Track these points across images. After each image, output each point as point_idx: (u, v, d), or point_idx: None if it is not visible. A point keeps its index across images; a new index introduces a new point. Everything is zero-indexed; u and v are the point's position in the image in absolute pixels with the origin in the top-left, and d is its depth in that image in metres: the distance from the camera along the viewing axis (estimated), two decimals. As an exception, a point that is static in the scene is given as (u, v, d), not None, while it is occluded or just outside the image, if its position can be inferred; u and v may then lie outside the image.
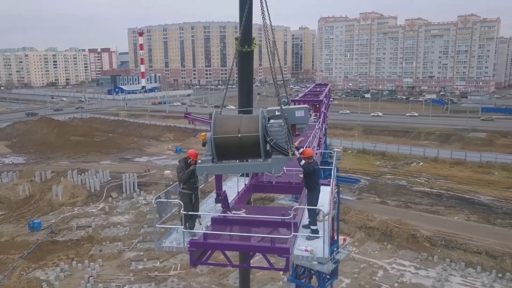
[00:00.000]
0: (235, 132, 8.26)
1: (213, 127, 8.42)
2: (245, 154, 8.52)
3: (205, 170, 8.58)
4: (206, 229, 8.26)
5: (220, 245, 7.98)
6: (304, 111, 8.53)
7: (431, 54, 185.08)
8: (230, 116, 8.72)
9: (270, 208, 9.37)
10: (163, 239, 8.67)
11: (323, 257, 7.43)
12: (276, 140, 8.15)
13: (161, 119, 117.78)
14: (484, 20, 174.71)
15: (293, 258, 7.58)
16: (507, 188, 56.11)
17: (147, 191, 59.42)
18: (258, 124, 8.16)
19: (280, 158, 8.22)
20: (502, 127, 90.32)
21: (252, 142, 8.18)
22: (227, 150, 8.40)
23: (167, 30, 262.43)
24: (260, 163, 8.38)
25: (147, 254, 40.63)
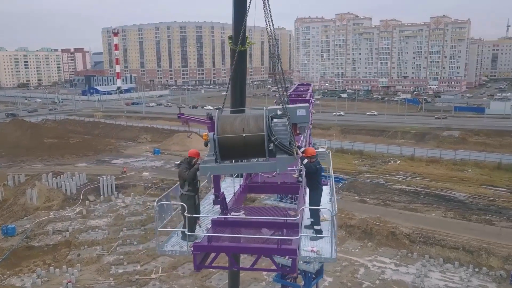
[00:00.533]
0: (240, 131, 8.14)
1: (216, 127, 8.26)
2: (249, 154, 8.41)
3: (208, 170, 8.38)
4: (207, 231, 8.06)
5: (225, 247, 7.78)
6: (305, 110, 8.47)
7: (405, 54, 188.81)
8: (233, 115, 8.61)
9: (269, 209, 9.26)
10: (164, 243, 8.41)
11: (331, 257, 7.37)
12: (281, 140, 8.05)
13: (138, 120, 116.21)
14: (455, 21, 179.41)
15: (300, 259, 7.48)
16: (481, 185, 57.67)
17: (126, 193, 58.40)
18: (263, 123, 8.05)
19: (285, 157, 8.13)
20: (474, 126, 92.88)
21: (256, 142, 8.08)
22: (231, 149, 8.28)
23: (142, 30, 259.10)
24: (265, 163, 8.28)
25: (127, 258, 39.87)
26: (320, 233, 8.04)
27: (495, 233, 42.12)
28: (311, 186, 8.81)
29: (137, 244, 42.79)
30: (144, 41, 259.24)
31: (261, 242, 7.56)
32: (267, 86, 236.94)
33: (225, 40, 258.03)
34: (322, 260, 7.58)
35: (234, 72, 11.28)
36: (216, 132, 8.27)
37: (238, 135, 8.13)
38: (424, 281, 35.56)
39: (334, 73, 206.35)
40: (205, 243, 7.74)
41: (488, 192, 54.63)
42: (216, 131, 8.27)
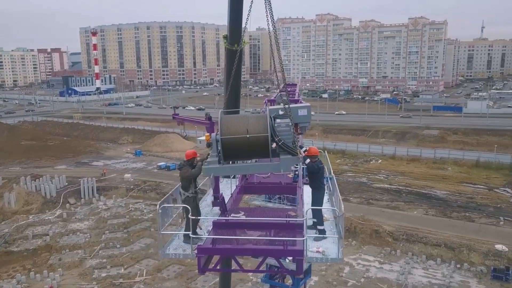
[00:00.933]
0: (243, 132, 8.08)
1: (220, 128, 8.14)
2: (253, 155, 8.38)
3: (212, 171, 8.33)
4: (208, 233, 7.91)
5: (230, 250, 7.62)
6: (307, 109, 8.44)
7: (384, 55, 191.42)
8: (236, 116, 8.51)
9: (268, 210, 9.16)
10: (166, 246, 8.20)
11: (338, 257, 7.33)
12: (284, 140, 8.01)
13: (118, 121, 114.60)
14: (433, 22, 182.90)
15: (306, 260, 7.41)
16: (460, 183, 58.85)
17: (107, 195, 57.53)
18: (266, 124, 7.99)
19: (289, 158, 8.09)
20: (452, 125, 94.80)
21: (260, 142, 8.02)
22: (235, 150, 8.21)
23: (121, 30, 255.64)
24: (269, 164, 8.22)
25: (110, 261, 39.24)
26: (324, 233, 7.99)
27: (475, 230, 43.05)
28: (313, 186, 8.77)
29: (120, 247, 42.17)
30: (123, 41, 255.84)
31: (265, 243, 7.47)
32: (249, 86, 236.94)
33: (205, 40, 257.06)
34: (328, 260, 7.54)
35: (229, 71, 11.14)
36: (220, 133, 8.15)
37: (242, 136, 8.05)
38: (408, 278, 36.09)
39: (315, 73, 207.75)
40: (209, 245, 7.61)
41: (467, 190, 55.78)
42: (220, 132, 8.13)
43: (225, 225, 8.11)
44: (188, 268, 37.97)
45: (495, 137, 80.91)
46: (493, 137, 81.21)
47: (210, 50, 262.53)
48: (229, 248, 7.58)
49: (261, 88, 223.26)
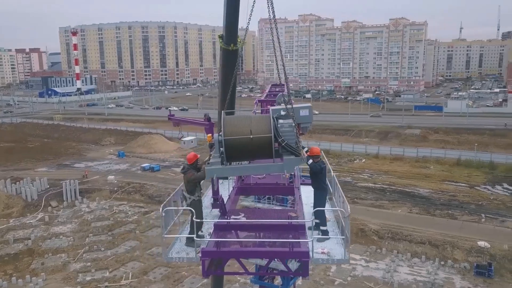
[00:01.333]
0: (247, 133, 7.99)
1: (223, 128, 8.02)
2: (256, 155, 8.28)
3: (215, 172, 8.21)
4: (209, 236, 7.78)
5: (235, 252, 7.52)
6: (308, 110, 8.40)
7: (366, 55, 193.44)
8: (238, 116, 8.41)
9: (268, 211, 9.08)
10: (168, 250, 8.02)
11: (344, 258, 7.30)
12: (288, 141, 7.98)
13: (100, 122, 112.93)
14: (413, 23, 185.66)
15: (312, 262, 7.35)
16: (442, 181, 59.82)
17: (90, 198, 56.62)
18: (270, 124, 7.95)
19: (292, 159, 8.06)
20: (433, 124, 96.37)
21: (264, 143, 7.97)
22: (238, 151, 8.10)
23: (102, 30, 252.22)
24: (272, 164, 8.17)
25: (94, 265, 38.62)
26: (327, 234, 7.96)
27: (458, 227, 43.80)
28: (316, 186, 8.73)
29: (105, 250, 41.55)
30: (104, 41, 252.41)
31: (270, 245, 7.39)
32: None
33: (188, 40, 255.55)
34: (334, 261, 7.52)
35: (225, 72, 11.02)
36: (223, 133, 8.06)
37: (245, 136, 7.98)
38: (393, 276, 36.48)
39: (298, 74, 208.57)
40: (213, 248, 7.46)
41: (449, 188, 56.74)
42: (223, 133, 8.06)
43: (227, 227, 7.99)
44: (174, 270, 37.66)
45: (475, 136, 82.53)
46: (473, 136, 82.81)
47: (193, 50, 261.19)
48: (234, 251, 7.48)
49: (244, 89, 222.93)
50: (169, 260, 7.73)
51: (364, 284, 35.41)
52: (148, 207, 53.57)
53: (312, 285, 34.78)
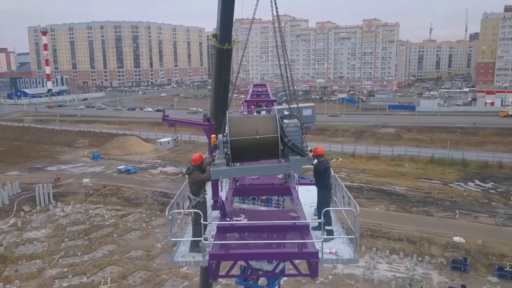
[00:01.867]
0: (253, 133, 7.88)
1: (229, 129, 7.84)
2: (261, 156, 8.18)
3: (220, 174, 7.96)
4: (213, 238, 7.59)
5: (243, 255, 7.36)
6: (311, 109, 8.36)
7: (340, 55, 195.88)
8: (243, 116, 8.28)
9: (268, 212, 8.96)
10: (174, 253, 7.76)
11: (353, 258, 7.29)
12: (293, 141, 7.93)
13: (73, 124, 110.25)
14: (386, 24, 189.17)
15: (322, 262, 7.28)
16: (417, 178, 61.12)
17: (65, 201, 55.23)
18: (276, 124, 7.88)
19: (299, 159, 7.99)
20: (407, 123, 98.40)
21: (270, 143, 7.89)
22: (243, 152, 7.97)
23: (73, 30, 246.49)
24: (279, 165, 8.12)
25: (71, 270, 37.61)
26: (332, 233, 7.92)
27: (434, 223, 44.79)
28: (320, 186, 8.68)
29: (82, 255, 40.54)
30: (75, 41, 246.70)
31: (278, 247, 7.29)
32: (208, 87, 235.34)
33: (162, 40, 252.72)
34: (344, 261, 7.49)
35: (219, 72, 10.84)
36: (229, 134, 7.92)
37: (252, 137, 7.87)
38: (373, 273, 36.98)
39: (273, 74, 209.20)
40: (221, 251, 7.28)
41: (424, 185, 58.00)
42: (229, 133, 7.92)
43: (229, 229, 7.85)
44: (154, 273, 37.12)
45: (447, 134, 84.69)
46: (445, 134, 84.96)
47: (167, 51, 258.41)
48: (243, 253, 7.33)
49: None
50: (175, 264, 7.51)
51: (345, 282, 35.78)
52: (125, 210, 52.62)
53: (294, 284, 34.88)
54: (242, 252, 7.25)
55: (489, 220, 45.76)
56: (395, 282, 35.35)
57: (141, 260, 39.51)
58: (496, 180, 59.30)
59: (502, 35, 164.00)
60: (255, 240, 7.30)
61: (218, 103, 11.22)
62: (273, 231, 7.78)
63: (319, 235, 7.74)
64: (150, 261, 39.38)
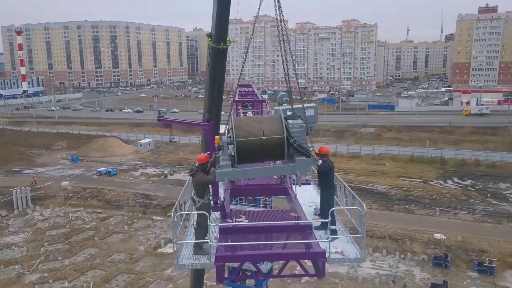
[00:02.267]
0: (259, 134, 7.80)
1: (234, 130, 7.77)
2: (267, 157, 8.11)
3: (226, 175, 7.84)
4: (216, 240, 7.47)
5: (250, 256, 7.22)
6: (314, 110, 8.34)
7: (320, 56, 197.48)
8: (248, 117, 8.19)
9: (268, 212, 8.88)
10: (178, 256, 7.58)
11: (360, 257, 7.30)
12: (299, 141, 7.93)
13: (51, 126, 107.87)
14: (364, 25, 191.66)
15: (329, 262, 7.26)
16: (398, 177, 62.06)
17: (44, 205, 53.99)
18: (281, 125, 7.84)
19: (304, 160, 7.97)
20: (387, 122, 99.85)
21: (276, 144, 7.82)
22: (249, 153, 7.87)
23: (49, 29, 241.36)
24: (284, 166, 8.05)
25: (52, 275, 36.76)
26: (335, 233, 7.90)
27: (415, 221, 45.54)
28: (324, 186, 8.66)
29: (62, 259, 39.68)
30: (51, 41, 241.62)
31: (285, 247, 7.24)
32: (187, 87, 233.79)
33: (141, 40, 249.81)
34: (351, 261, 7.51)
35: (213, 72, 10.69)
36: (235, 135, 7.83)
37: (258, 138, 7.78)
38: (357, 271, 37.34)
39: (254, 75, 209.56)
40: (227, 253, 7.14)
41: (405, 184, 58.93)
42: (235, 134, 7.84)
43: (233, 230, 7.75)
44: (138, 276, 36.62)
45: (425, 133, 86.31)
46: (423, 133, 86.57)
47: (146, 51, 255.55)
48: (249, 255, 7.21)
49: (200, 89, 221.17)
50: (181, 267, 7.34)
51: (330, 280, 35.99)
52: (106, 212, 51.78)
53: (279, 284, 34.90)
54: (249, 253, 7.13)
55: (468, 216, 46.81)
56: (378, 280, 35.80)
57: (124, 263, 38.92)
58: (474, 177, 60.74)
59: (476, 36, 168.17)
60: (259, 241, 7.23)
61: (212, 103, 11.08)
62: (276, 232, 7.73)
63: (322, 234, 7.75)
64: (133, 264, 38.83)
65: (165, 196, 55.07)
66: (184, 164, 72.89)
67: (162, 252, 41.08)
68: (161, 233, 45.19)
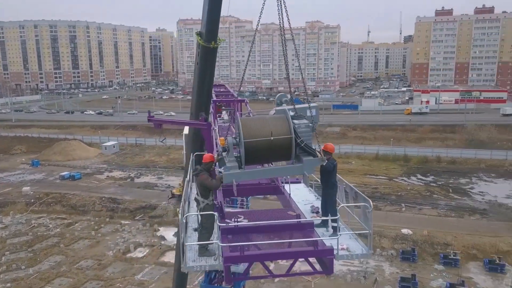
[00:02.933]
0: (267, 135, 7.71)
1: (242, 130, 7.67)
2: (273, 158, 8.08)
3: (233, 177, 7.70)
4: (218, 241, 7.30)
5: (260, 256, 7.15)
6: (316, 110, 8.37)
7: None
8: (254, 118, 8.07)
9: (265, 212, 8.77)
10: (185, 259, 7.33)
11: (367, 253, 7.38)
12: (306, 141, 7.94)
13: (8, 130, 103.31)
14: (327, 26, 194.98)
15: (337, 258, 7.31)
16: (364, 175, 63.49)
17: (3, 212, 51.64)
18: (289, 125, 7.81)
19: (312, 159, 7.97)
20: (351, 122, 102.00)
21: (283, 145, 7.78)
22: (256, 154, 7.78)
23: (3, 29, 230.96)
24: (292, 166, 7.99)
25: (15, 285, 35.17)
26: (337, 230, 7.92)
27: (383, 217, 46.66)
28: (326, 185, 8.65)
29: (26, 268, 38.04)
30: (6, 40, 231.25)
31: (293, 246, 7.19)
32: (151, 88, 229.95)
33: (102, 40, 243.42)
34: (358, 257, 7.55)
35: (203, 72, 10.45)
36: (243, 136, 7.73)
37: (266, 138, 7.69)
38: (329, 268, 37.92)
39: (219, 75, 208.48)
40: (233, 253, 7.06)
41: (371, 181, 60.36)
42: (242, 135, 7.74)
43: (235, 230, 7.62)
44: (108, 282, 35.60)
45: (389, 131, 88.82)
46: (387, 131, 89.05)
47: (108, 51, 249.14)
48: (258, 254, 7.14)
49: (165, 90, 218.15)
50: (190, 270, 7.15)
51: (302, 278, 36.31)
52: (71, 218, 50.07)
53: (253, 284, 34.87)
54: (257, 253, 7.08)
55: (432, 211, 48.50)
56: (350, 276, 36.45)
57: (92, 270, 37.73)
58: (436, 173, 63.03)
59: (434, 38, 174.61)
60: (264, 241, 7.17)
61: (200, 103, 10.85)
62: (278, 231, 7.72)
63: (324, 232, 7.78)
64: (102, 270, 37.71)
65: (133, 199, 53.89)
66: (151, 166, 71.63)
67: (132, 256, 40.13)
68: (129, 238, 44.14)
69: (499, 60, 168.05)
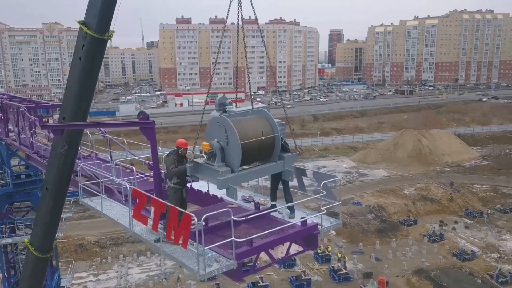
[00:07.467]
0: (258, 135, 7.64)
1: (236, 132, 7.28)
2: (260, 158, 8.06)
3: (228, 182, 7.31)
4: None
5: (265, 245, 7.16)
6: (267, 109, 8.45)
7: (20, 61, 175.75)
8: (240, 119, 7.42)
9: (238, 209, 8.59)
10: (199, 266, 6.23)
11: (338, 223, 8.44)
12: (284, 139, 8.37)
13: None
14: (69, 29, 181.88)
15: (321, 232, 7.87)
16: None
17: None
18: (273, 124, 7.97)
19: (291, 155, 8.33)
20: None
21: (270, 144, 7.90)
22: (249, 155, 7.60)
23: None
24: (276, 164, 8.12)
25: None
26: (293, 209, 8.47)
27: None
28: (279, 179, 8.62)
29: None
30: None
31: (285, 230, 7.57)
32: None
33: None
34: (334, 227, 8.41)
35: (90, 69, 8.56)
36: (239, 138, 7.35)
37: (258, 138, 7.65)
38: (128, 280, 36.67)
39: None
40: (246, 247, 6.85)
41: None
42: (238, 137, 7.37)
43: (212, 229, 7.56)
44: None
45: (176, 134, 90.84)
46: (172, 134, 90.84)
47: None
48: (263, 244, 7.06)
49: None
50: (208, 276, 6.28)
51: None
52: None
53: None
54: (261, 243, 7.05)
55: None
56: (152, 281, 36.28)
57: None
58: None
59: (178, 44, 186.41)
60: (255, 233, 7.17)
61: (82, 103, 8.89)
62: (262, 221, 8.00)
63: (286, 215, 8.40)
64: None
65: None
66: None
67: None
68: None
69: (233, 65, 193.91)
